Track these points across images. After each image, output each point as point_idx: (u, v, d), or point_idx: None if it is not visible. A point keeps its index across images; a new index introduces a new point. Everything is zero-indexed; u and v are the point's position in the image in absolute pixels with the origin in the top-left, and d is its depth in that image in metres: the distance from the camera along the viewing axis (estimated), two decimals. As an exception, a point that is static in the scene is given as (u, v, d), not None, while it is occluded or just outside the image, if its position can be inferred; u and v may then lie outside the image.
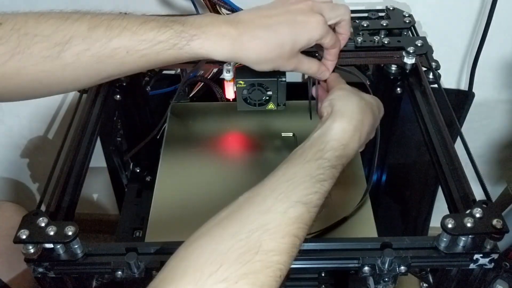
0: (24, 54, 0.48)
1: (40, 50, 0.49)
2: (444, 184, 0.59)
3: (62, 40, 0.49)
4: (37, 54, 0.49)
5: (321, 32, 0.56)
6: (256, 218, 0.44)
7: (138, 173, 0.92)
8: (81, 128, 0.66)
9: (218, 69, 0.76)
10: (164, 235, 0.58)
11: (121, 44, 0.50)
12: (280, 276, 0.42)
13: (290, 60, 0.56)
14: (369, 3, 0.87)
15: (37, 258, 0.52)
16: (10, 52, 0.48)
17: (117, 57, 0.50)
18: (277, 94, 0.68)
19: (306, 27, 0.55)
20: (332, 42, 0.59)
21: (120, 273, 0.53)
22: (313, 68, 0.61)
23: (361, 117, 0.54)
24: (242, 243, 0.42)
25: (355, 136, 0.53)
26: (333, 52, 0.61)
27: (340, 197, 0.67)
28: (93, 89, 0.72)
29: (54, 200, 0.57)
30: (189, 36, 0.51)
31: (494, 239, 0.51)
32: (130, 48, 0.50)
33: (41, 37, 0.48)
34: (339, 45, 0.61)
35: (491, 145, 1.12)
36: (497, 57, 0.95)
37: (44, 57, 0.49)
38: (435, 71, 0.72)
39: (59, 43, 0.49)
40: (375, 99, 0.60)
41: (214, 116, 0.80)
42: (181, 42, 0.51)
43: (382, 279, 0.55)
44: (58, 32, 0.49)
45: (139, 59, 0.51)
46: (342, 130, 0.52)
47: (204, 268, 0.41)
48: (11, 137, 1.15)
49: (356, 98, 0.56)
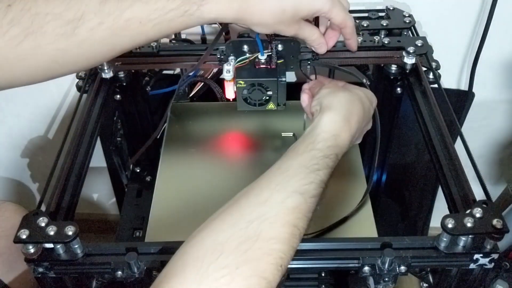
0: (38, 33, 0.48)
1: (54, 28, 0.48)
2: (444, 184, 0.59)
3: (74, 16, 0.49)
4: (51, 32, 0.48)
5: (326, 4, 0.55)
6: (255, 208, 0.45)
7: (138, 173, 0.92)
8: (81, 128, 0.66)
9: (218, 69, 0.76)
10: (164, 235, 0.58)
11: (133, 15, 0.50)
12: (282, 265, 0.43)
13: (291, 25, 0.56)
14: (369, 3, 0.87)
15: (37, 258, 0.52)
16: (24, 33, 0.48)
17: (131, 29, 0.50)
18: (277, 94, 0.68)
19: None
20: (340, 17, 0.58)
21: (120, 273, 0.53)
22: (313, 36, 0.61)
23: (349, 107, 0.55)
24: (242, 232, 0.43)
25: (345, 126, 0.54)
26: (345, 31, 0.61)
27: (340, 197, 0.67)
28: (93, 89, 0.72)
29: (54, 200, 0.57)
30: (199, 1, 0.51)
31: (494, 239, 0.51)
32: (142, 18, 0.50)
33: (52, 15, 0.48)
34: (351, 23, 0.60)
35: (491, 145, 1.12)
36: (497, 57, 0.95)
37: (58, 35, 0.49)
38: (435, 71, 0.72)
39: (72, 20, 0.49)
40: (362, 90, 0.60)
41: (214, 116, 0.80)
42: (191, 8, 0.51)
43: (382, 279, 0.55)
44: (70, 9, 0.49)
45: (152, 29, 0.51)
46: (331, 121, 0.53)
47: (204, 258, 0.41)
48: (11, 137, 1.15)
49: (342, 92, 0.58)
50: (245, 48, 0.69)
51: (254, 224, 0.43)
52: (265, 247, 0.42)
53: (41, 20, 0.48)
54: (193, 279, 0.40)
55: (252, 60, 0.69)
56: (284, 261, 0.43)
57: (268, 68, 0.68)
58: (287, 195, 0.46)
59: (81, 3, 0.49)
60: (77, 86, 0.75)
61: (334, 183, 0.68)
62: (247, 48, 0.69)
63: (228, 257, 0.41)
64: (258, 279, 0.41)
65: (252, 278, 0.41)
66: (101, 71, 0.74)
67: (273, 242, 0.43)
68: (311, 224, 0.48)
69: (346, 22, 0.59)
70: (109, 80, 0.75)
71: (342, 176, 0.69)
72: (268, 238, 0.43)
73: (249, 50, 0.69)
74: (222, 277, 0.40)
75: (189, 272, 0.41)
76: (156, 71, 0.86)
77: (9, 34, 0.48)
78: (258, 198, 0.46)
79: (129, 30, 0.51)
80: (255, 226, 0.43)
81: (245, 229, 0.43)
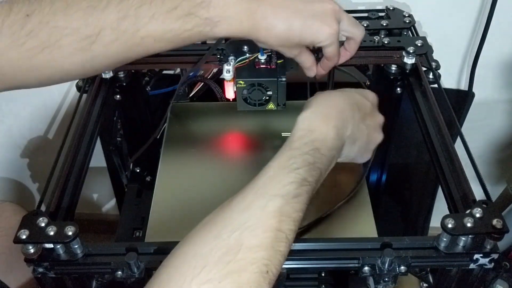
0: (54, 47, 0.48)
1: (70, 43, 0.49)
2: (444, 184, 0.59)
3: (92, 32, 0.49)
4: (67, 46, 0.49)
5: (328, 42, 0.58)
6: (237, 217, 0.45)
7: (138, 173, 0.92)
8: (81, 128, 0.66)
9: (218, 69, 0.76)
10: (164, 235, 0.58)
11: (149, 33, 0.51)
12: (267, 271, 0.42)
13: (293, 50, 0.59)
14: (369, 3, 0.88)
15: (37, 258, 0.52)
16: (41, 46, 0.48)
17: (145, 45, 0.52)
18: (277, 94, 0.68)
19: (318, 30, 0.57)
20: (332, 54, 0.61)
21: (120, 273, 0.53)
22: (307, 63, 0.63)
23: (326, 102, 0.55)
24: (223, 243, 0.42)
25: (322, 119, 0.53)
26: (326, 64, 0.64)
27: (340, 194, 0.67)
28: (93, 89, 0.72)
29: (54, 200, 0.57)
30: (213, 23, 0.52)
31: (494, 239, 0.51)
32: (157, 36, 0.51)
33: (70, 29, 0.49)
34: (336, 61, 0.63)
35: (491, 145, 1.12)
36: (497, 57, 0.96)
37: (75, 50, 0.49)
38: (435, 71, 0.72)
39: (89, 36, 0.49)
40: (356, 90, 0.60)
41: (214, 116, 0.80)
42: (205, 29, 0.52)
43: (382, 279, 0.55)
44: (88, 25, 0.49)
45: (165, 45, 0.53)
46: (305, 118, 0.53)
47: (187, 273, 0.41)
48: (11, 137, 1.15)
49: (323, 93, 0.58)
50: (245, 48, 0.69)
51: (236, 233, 0.43)
52: (248, 257, 0.42)
53: (59, 34, 0.48)
54: None
55: (252, 60, 0.69)
56: (270, 267, 0.43)
57: (268, 68, 0.68)
58: (268, 199, 0.45)
59: (99, 18, 0.49)
60: (77, 86, 0.75)
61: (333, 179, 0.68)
62: (247, 48, 0.69)
63: (211, 271, 0.41)
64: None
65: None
66: (101, 71, 0.74)
67: (256, 250, 0.42)
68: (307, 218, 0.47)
69: (334, 58, 0.62)
70: (109, 80, 0.75)
71: (341, 173, 0.69)
72: (250, 247, 0.42)
73: (249, 50, 0.69)
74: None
75: None
76: (156, 71, 0.86)
77: (26, 46, 0.48)
78: (240, 205, 0.46)
79: (143, 46, 0.52)
80: (236, 235, 0.43)
81: (228, 239, 0.43)
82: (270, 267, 0.43)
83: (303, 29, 0.56)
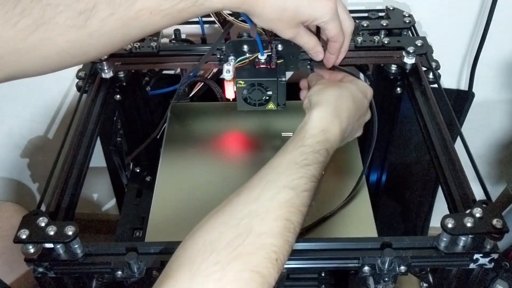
0: (49, 24, 0.48)
1: (65, 19, 0.48)
2: (444, 184, 0.59)
3: (86, 7, 0.48)
4: (62, 23, 0.48)
5: (327, 17, 0.56)
6: (246, 206, 0.45)
7: (138, 173, 0.92)
8: (81, 128, 0.66)
9: (218, 69, 0.76)
10: (164, 235, 0.58)
11: (144, 5, 0.50)
12: (276, 259, 0.43)
13: (290, 28, 0.57)
14: (369, 3, 0.87)
15: (37, 258, 0.52)
16: (35, 24, 0.48)
17: (141, 19, 0.51)
18: (277, 94, 0.68)
19: (315, 3, 0.55)
20: (334, 32, 0.58)
21: (120, 273, 0.53)
22: (310, 44, 0.61)
23: (338, 102, 0.56)
24: (233, 229, 0.43)
25: (334, 121, 0.54)
26: (333, 46, 0.61)
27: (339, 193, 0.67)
28: (93, 89, 0.72)
29: (54, 200, 0.57)
30: None
31: (494, 239, 0.51)
32: (153, 9, 0.50)
33: (64, 6, 0.48)
34: (341, 40, 0.60)
35: (491, 145, 1.12)
36: (497, 57, 0.95)
37: (70, 26, 0.49)
38: (435, 71, 0.72)
39: (83, 11, 0.48)
40: (355, 83, 0.61)
41: (214, 116, 0.80)
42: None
43: (382, 279, 0.55)
44: (81, 0, 0.48)
45: (162, 19, 0.51)
46: (319, 117, 0.54)
47: (196, 258, 0.42)
48: (11, 137, 1.15)
49: (332, 88, 0.58)
50: (245, 48, 0.69)
51: (245, 220, 0.44)
52: (257, 242, 0.43)
53: (53, 11, 0.48)
54: (185, 278, 0.41)
55: (252, 60, 0.69)
56: (279, 255, 0.43)
57: (268, 68, 0.68)
58: (278, 191, 0.46)
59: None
60: (77, 86, 0.75)
61: (333, 179, 0.68)
62: (247, 48, 0.69)
63: (220, 254, 0.42)
64: (250, 274, 0.41)
65: (244, 272, 0.41)
66: (101, 71, 0.74)
67: (265, 236, 0.43)
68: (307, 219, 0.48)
69: (338, 38, 0.60)
70: (109, 80, 0.75)
71: (341, 172, 0.70)
72: (259, 233, 0.43)
73: (249, 50, 0.69)
74: (214, 273, 0.41)
75: (182, 272, 0.41)
76: (156, 71, 0.86)
77: (19, 25, 0.47)
78: (249, 196, 0.47)
79: (140, 21, 0.51)
80: (246, 222, 0.44)
81: (236, 226, 0.43)
82: (279, 255, 0.43)
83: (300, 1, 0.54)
